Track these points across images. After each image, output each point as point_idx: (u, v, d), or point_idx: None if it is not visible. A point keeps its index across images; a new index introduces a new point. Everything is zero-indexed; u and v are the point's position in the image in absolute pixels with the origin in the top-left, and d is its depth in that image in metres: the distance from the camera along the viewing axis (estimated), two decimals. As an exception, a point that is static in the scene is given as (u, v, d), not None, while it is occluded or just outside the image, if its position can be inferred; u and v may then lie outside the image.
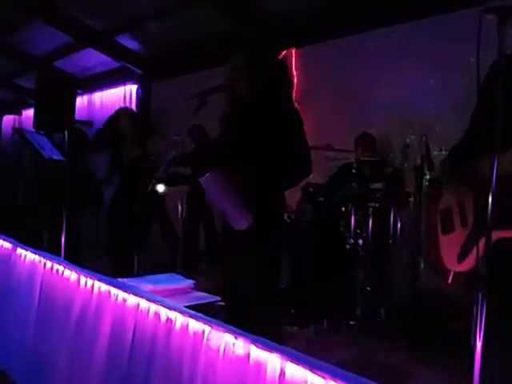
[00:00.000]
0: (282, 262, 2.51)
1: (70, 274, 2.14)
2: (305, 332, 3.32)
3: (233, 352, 1.52)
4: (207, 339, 1.59)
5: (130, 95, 8.22)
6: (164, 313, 1.74)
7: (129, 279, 2.21)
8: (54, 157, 3.43)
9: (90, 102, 9.11)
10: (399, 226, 3.81)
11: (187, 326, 1.65)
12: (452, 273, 2.37)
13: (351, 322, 3.49)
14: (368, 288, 3.66)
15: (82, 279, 2.08)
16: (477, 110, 1.81)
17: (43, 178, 4.15)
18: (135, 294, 1.85)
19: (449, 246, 2.10)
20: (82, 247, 4.07)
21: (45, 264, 2.32)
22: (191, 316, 1.65)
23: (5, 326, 2.54)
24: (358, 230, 3.67)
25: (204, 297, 2.16)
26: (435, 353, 3.15)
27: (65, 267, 2.19)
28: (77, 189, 3.60)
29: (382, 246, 3.85)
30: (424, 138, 3.34)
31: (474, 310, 2.75)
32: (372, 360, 3.07)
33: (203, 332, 1.60)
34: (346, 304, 3.50)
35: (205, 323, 1.61)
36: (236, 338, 1.51)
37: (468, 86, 3.66)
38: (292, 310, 3.37)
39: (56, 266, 2.25)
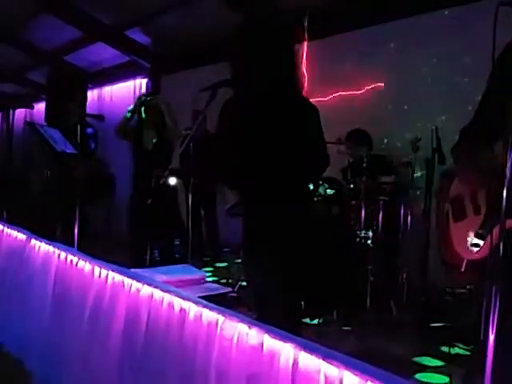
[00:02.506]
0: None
1: (84, 265, 2.17)
2: (315, 324, 3.34)
3: (246, 342, 1.53)
4: (221, 329, 1.60)
5: (140, 89, 8.24)
6: (178, 303, 1.75)
7: (142, 270, 2.23)
8: (67, 150, 3.46)
9: (100, 97, 9.16)
10: (409, 219, 3.81)
11: (201, 316, 1.67)
12: (465, 261, 2.36)
13: (361, 315, 3.50)
14: (378, 281, 3.66)
15: (96, 270, 2.10)
16: (488, 91, 1.79)
17: (55, 171, 4.19)
18: (149, 284, 1.87)
19: (461, 234, 2.08)
20: (95, 238, 4.11)
21: (59, 255, 2.34)
22: (205, 306, 1.67)
23: (20, 316, 2.58)
24: (368, 224, 3.67)
25: (216, 288, 2.18)
26: (445, 346, 3.15)
27: (79, 258, 2.21)
28: (89, 181, 3.63)
29: (392, 240, 3.85)
30: (435, 130, 3.32)
31: (485, 300, 2.75)
32: (380, 352, 3.08)
33: (217, 322, 1.61)
34: (356, 297, 3.51)
35: (218, 313, 1.63)
36: (249, 327, 1.53)
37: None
38: (302, 302, 3.37)
39: (70, 256, 2.27)
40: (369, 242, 3.65)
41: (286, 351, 1.45)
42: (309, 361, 1.40)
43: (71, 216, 3.00)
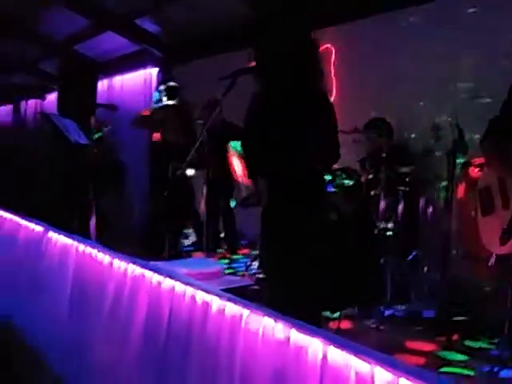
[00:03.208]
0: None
1: (104, 258, 2.14)
2: (335, 317, 3.29)
3: (272, 336, 1.49)
4: (245, 323, 1.57)
5: (151, 79, 8.19)
6: (200, 296, 1.72)
7: (162, 262, 2.20)
8: (81, 141, 3.43)
9: (110, 86, 9.11)
10: (430, 210, 3.73)
11: (224, 309, 1.63)
12: (494, 255, 2.31)
13: (381, 308, 3.44)
14: (398, 273, 3.60)
15: (116, 262, 2.07)
16: None
17: (69, 162, 4.17)
18: (171, 277, 1.84)
19: (489, 228, 2.04)
20: (109, 230, 4.10)
21: (77, 248, 2.32)
22: (228, 299, 1.63)
23: (37, 309, 2.57)
24: (388, 215, 3.60)
25: (237, 281, 2.15)
26: (468, 340, 3.10)
27: (98, 250, 2.18)
28: (101, 172, 3.61)
29: (413, 231, 3.78)
30: (456, 119, 3.23)
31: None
32: (403, 346, 3.04)
33: (241, 316, 1.58)
34: (377, 290, 3.46)
35: (243, 307, 1.59)
36: (275, 321, 1.49)
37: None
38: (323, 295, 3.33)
39: (89, 249, 2.24)
40: (389, 233, 3.58)
41: (313, 346, 1.41)
42: (338, 356, 1.36)
43: (86, 207, 2.98)
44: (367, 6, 4.69)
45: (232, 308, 1.61)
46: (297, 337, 1.44)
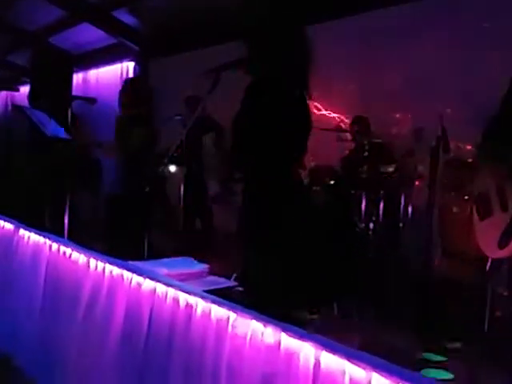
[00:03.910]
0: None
1: (79, 257, 2.02)
2: (314, 318, 3.23)
3: (261, 340, 1.42)
4: (232, 326, 1.49)
5: (127, 73, 8.00)
6: (183, 298, 1.63)
7: (141, 262, 2.09)
8: (60, 135, 3.28)
9: (85, 80, 8.87)
10: (410, 210, 3.71)
11: (209, 312, 1.55)
12: (490, 260, 2.29)
13: (361, 308, 3.40)
14: (378, 273, 3.57)
15: (92, 262, 1.96)
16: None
17: (42, 156, 4.00)
18: (151, 278, 1.74)
19: (487, 233, 2.00)
20: (82, 226, 3.94)
21: (50, 246, 2.19)
22: (214, 301, 1.54)
23: (9, 310, 2.43)
24: (369, 215, 3.56)
25: (221, 281, 2.06)
26: (447, 340, 3.08)
27: (73, 249, 2.07)
28: (76, 167, 3.47)
29: (393, 231, 3.76)
30: (440, 118, 3.22)
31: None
32: (384, 347, 3.00)
33: (228, 319, 1.49)
34: (356, 289, 3.41)
35: (229, 309, 1.51)
36: (265, 325, 1.41)
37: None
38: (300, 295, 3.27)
39: (63, 247, 2.12)
40: (369, 232, 3.55)
41: (305, 351, 1.34)
42: (331, 361, 1.30)
43: (59, 203, 2.85)
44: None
45: (218, 311, 1.52)
46: (287, 341, 1.37)
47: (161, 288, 1.70)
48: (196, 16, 6.46)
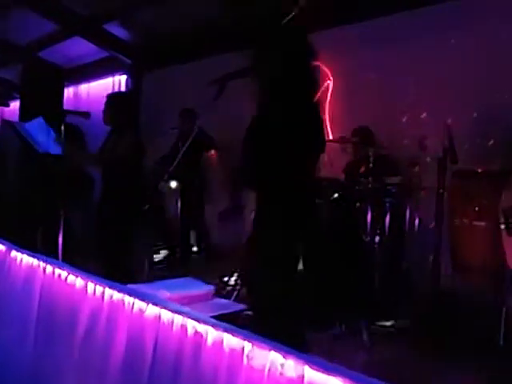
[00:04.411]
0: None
1: (76, 280, 1.88)
2: (320, 336, 3.10)
3: (281, 374, 1.29)
4: (247, 358, 1.35)
5: (119, 86, 7.88)
6: (192, 325, 1.49)
7: (141, 285, 1.96)
8: (51, 151, 3.15)
9: (76, 94, 8.74)
10: (417, 222, 3.61)
11: (221, 341, 1.41)
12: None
13: (369, 325, 3.27)
14: (385, 287, 3.45)
15: (90, 286, 1.82)
16: None
17: (33, 173, 3.84)
18: (155, 304, 1.60)
19: None
20: (76, 245, 3.79)
21: (44, 268, 2.05)
22: (226, 330, 1.41)
23: (-1, 337, 2.27)
24: (374, 227, 3.45)
25: (228, 305, 1.92)
26: (457, 355, 2.97)
27: (69, 272, 1.92)
28: (69, 184, 3.33)
29: (399, 243, 3.65)
30: (447, 127, 3.13)
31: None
32: (398, 366, 2.88)
33: (242, 349, 1.36)
34: (363, 305, 3.29)
35: (244, 339, 1.37)
36: (285, 357, 1.28)
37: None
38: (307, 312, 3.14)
39: (58, 270, 1.98)
40: (375, 246, 3.44)
41: (332, 385, 1.21)
42: (360, 397, 1.17)
43: (52, 223, 2.71)
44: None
45: (230, 340, 1.39)
46: (311, 375, 1.24)
47: (166, 314, 1.57)
48: (189, 28, 6.39)
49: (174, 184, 3.52)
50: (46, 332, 1.95)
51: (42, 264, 2.08)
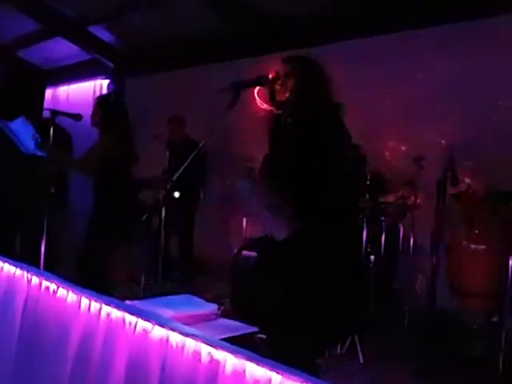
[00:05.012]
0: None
1: (66, 294, 1.68)
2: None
3: (316, 411, 1.13)
4: (276, 392, 1.19)
5: (101, 90, 7.64)
6: (206, 351, 1.32)
7: (139, 302, 1.77)
8: (38, 153, 2.93)
9: (54, 97, 8.44)
10: (412, 242, 3.53)
11: (244, 371, 1.24)
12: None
13: (366, 346, 3.15)
14: (381, 308, 3.34)
15: (84, 301, 1.62)
16: None
17: (16, 175, 3.59)
18: (161, 325, 1.42)
19: None
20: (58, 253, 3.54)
21: (29, 280, 1.83)
22: (248, 358, 1.24)
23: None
24: (370, 247, 3.35)
25: (236, 326, 1.75)
26: (452, 378, 2.89)
27: (58, 285, 1.72)
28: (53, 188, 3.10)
29: (393, 263, 3.56)
30: (448, 148, 3.07)
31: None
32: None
33: (269, 381, 1.20)
34: (359, 327, 3.16)
35: (271, 369, 1.21)
36: (321, 392, 1.13)
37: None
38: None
39: (46, 282, 1.77)
40: (370, 265, 3.33)
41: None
42: None
43: (35, 230, 2.49)
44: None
45: (255, 371, 1.23)
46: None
47: (175, 337, 1.39)
48: (175, 34, 6.26)
49: (177, 194, 3.38)
50: (30, 354, 1.73)
51: (26, 274, 1.86)
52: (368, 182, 3.39)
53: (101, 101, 3.56)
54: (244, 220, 4.50)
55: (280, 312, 1.87)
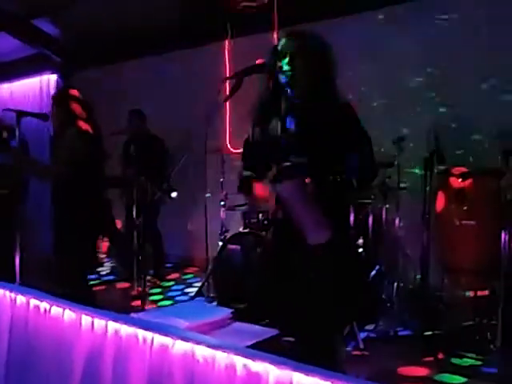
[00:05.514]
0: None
1: (63, 313, 1.49)
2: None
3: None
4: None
5: (48, 86, 7.18)
6: (242, 364, 1.18)
7: (146, 314, 1.60)
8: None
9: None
10: (397, 223, 3.49)
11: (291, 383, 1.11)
12: None
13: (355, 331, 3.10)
14: (375, 292, 3.30)
15: (85, 319, 1.44)
16: None
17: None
18: (184, 339, 1.27)
19: None
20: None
21: (14, 300, 1.62)
22: (297, 368, 1.11)
23: None
24: (358, 230, 3.29)
25: (257, 330, 1.60)
26: (453, 357, 2.90)
27: (51, 304, 1.52)
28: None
29: (379, 245, 3.52)
30: (434, 129, 3.05)
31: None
32: (393, 374, 2.75)
33: (322, 392, 1.07)
34: (356, 313, 3.10)
35: (321, 378, 1.09)
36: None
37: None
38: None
39: (33, 301, 1.57)
40: (360, 250, 3.27)
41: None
42: None
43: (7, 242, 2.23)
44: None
45: (302, 381, 1.10)
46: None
47: (201, 351, 1.24)
48: (123, 26, 5.95)
49: (174, 194, 3.24)
50: (22, 379, 1.53)
51: (9, 294, 1.65)
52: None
53: (58, 98, 3.22)
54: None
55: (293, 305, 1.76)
